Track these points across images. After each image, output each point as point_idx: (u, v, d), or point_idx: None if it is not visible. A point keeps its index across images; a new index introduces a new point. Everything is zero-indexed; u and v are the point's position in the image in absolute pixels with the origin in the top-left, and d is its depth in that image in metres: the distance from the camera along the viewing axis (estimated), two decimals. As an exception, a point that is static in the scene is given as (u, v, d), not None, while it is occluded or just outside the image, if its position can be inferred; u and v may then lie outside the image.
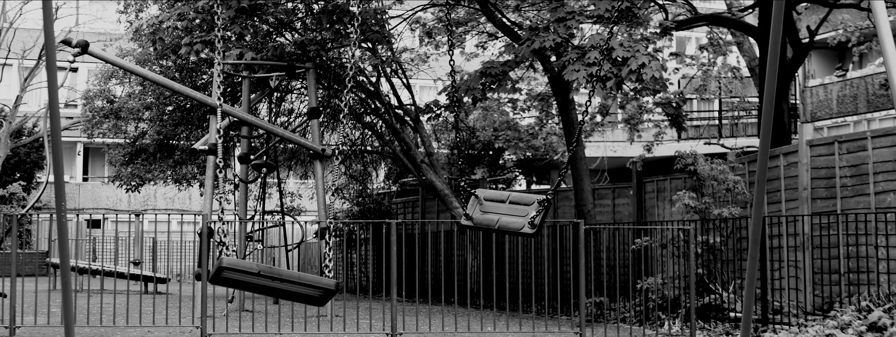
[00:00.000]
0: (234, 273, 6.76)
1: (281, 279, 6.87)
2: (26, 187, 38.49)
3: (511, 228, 7.74)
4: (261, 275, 6.79)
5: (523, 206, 7.91)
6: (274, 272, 6.82)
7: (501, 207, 7.97)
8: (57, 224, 6.06)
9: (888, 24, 6.24)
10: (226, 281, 6.94)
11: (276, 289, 7.02)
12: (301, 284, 6.95)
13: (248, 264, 6.91)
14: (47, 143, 18.48)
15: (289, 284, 6.94)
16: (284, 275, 6.91)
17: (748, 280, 6.63)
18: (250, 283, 6.91)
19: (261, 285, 6.96)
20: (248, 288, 7.24)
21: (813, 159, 16.31)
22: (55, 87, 5.89)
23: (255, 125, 18.59)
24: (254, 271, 6.81)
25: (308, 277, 6.93)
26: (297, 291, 7.01)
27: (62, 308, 12.71)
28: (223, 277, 6.83)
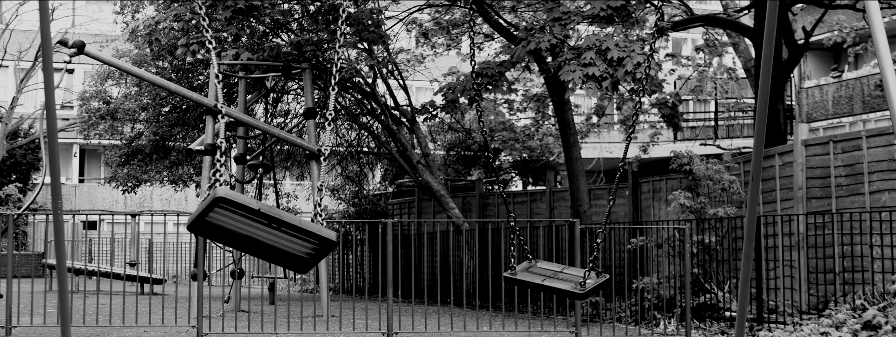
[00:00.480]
0: (227, 213, 5.73)
1: (280, 222, 5.83)
2: (22, 189, 38.47)
3: (556, 287, 7.50)
4: (261, 214, 5.75)
5: (574, 275, 7.76)
6: (275, 213, 5.80)
7: (550, 273, 7.76)
8: (53, 222, 6.08)
9: (882, 25, 6.26)
10: (209, 228, 5.84)
11: (262, 243, 5.93)
12: (300, 231, 5.88)
13: (248, 199, 5.85)
14: (44, 144, 18.49)
15: (286, 233, 5.89)
16: (285, 217, 5.84)
17: (743, 278, 6.66)
18: (235, 231, 5.85)
19: (245, 235, 5.90)
20: (230, 239, 5.98)
21: (808, 159, 16.35)
22: (51, 87, 5.91)
23: (251, 126, 18.60)
24: (254, 208, 5.75)
25: (310, 224, 5.93)
26: (288, 245, 5.95)
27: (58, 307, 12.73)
28: (210, 220, 5.78)
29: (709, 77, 28.54)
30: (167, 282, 28.28)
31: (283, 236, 5.91)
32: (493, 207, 24.82)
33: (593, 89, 16.34)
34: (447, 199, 21.84)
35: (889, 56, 6.16)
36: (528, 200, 24.02)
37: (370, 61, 21.45)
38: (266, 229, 5.87)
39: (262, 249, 6.02)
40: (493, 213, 24.47)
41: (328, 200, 30.37)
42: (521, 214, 23.43)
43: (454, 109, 21.08)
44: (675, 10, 24.56)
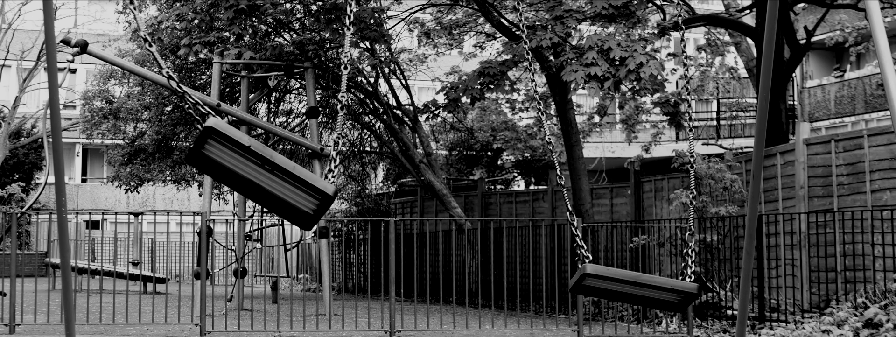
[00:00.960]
0: (222, 148, 5.32)
1: (272, 164, 5.34)
2: (25, 188, 38.52)
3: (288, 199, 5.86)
4: (252, 151, 5.28)
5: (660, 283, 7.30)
6: (267, 153, 5.32)
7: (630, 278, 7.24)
8: (57, 220, 6.11)
9: (882, 25, 6.29)
10: (208, 163, 5.42)
11: (265, 190, 5.45)
12: (293, 178, 5.38)
13: (240, 133, 5.38)
14: (47, 143, 18.54)
15: (287, 183, 5.40)
16: (278, 159, 5.37)
17: (744, 276, 6.69)
18: (234, 171, 5.39)
19: (247, 178, 5.42)
20: (231, 180, 5.49)
21: (810, 158, 16.37)
22: (55, 86, 5.95)
23: (253, 125, 18.64)
24: (244, 143, 5.30)
25: (304, 171, 5.42)
26: (292, 197, 5.48)
27: (62, 304, 12.77)
28: (207, 154, 5.39)
29: (711, 77, 28.55)
30: (170, 281, 28.33)
31: (285, 185, 5.45)
32: (495, 206, 24.85)
33: (595, 89, 16.38)
34: (449, 198, 21.87)
35: (889, 56, 6.18)
36: (531, 199, 24.05)
37: (372, 61, 21.49)
38: (266, 174, 5.41)
39: (266, 197, 5.52)
40: (495, 212, 24.50)
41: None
42: (523, 213, 23.46)
43: (456, 109, 21.11)
44: (676, 9, 24.57)
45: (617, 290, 6.79)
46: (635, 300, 6.98)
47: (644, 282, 6.70)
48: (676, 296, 6.83)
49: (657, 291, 6.76)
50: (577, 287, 6.82)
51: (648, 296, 6.84)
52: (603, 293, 6.95)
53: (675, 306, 6.99)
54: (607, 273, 6.68)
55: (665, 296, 6.82)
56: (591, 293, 7.01)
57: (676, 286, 6.74)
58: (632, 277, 6.71)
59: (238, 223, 18.60)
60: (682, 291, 6.77)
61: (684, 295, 6.81)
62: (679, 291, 6.78)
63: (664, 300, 6.88)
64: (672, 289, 6.75)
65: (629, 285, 6.73)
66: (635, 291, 6.79)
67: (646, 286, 6.72)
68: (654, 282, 6.73)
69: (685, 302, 6.96)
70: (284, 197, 5.46)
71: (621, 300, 7.06)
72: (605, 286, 6.76)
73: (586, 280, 6.69)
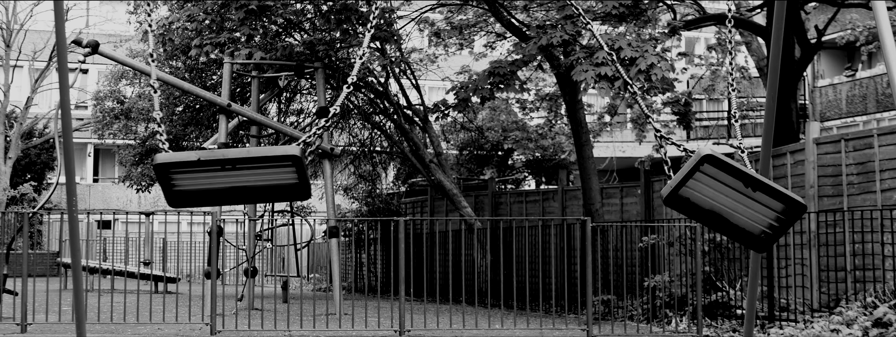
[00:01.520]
0: (176, 172, 5.10)
1: (231, 161, 5.10)
2: (37, 188, 38.67)
3: (740, 224, 5.33)
4: (201, 162, 5.06)
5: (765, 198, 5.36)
6: (217, 155, 5.06)
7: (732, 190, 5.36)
8: (68, 220, 6.16)
9: (888, 24, 6.30)
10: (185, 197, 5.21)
11: (237, 188, 5.22)
12: (258, 162, 5.09)
13: (186, 154, 5.17)
14: (58, 144, 18.61)
15: (244, 170, 5.11)
16: (230, 155, 5.14)
17: (752, 274, 6.70)
18: (205, 190, 5.15)
19: (216, 190, 5.18)
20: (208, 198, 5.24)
21: (819, 157, 16.36)
22: (66, 87, 5.99)
23: (264, 125, 18.69)
24: (192, 159, 5.10)
25: (258, 150, 5.11)
26: (258, 179, 5.17)
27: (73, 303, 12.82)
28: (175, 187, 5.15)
29: (722, 76, 28.53)
30: (181, 280, 28.41)
31: (257, 173, 5.19)
32: (505, 206, 24.88)
33: (606, 89, 16.38)
34: (460, 198, 21.90)
35: (895, 54, 6.19)
36: (541, 198, 24.07)
37: (383, 61, 21.52)
38: (238, 174, 5.17)
39: (251, 193, 5.28)
40: (505, 212, 24.52)
41: (341, 199, 30.46)
42: (533, 212, 23.47)
43: (466, 108, 21.14)
44: (687, 9, 24.57)
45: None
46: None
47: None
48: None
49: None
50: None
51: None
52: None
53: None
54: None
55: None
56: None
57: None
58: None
59: (249, 223, 18.66)
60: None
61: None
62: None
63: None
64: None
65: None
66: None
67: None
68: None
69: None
70: (265, 183, 5.25)
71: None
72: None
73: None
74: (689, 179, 5.30)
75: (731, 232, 5.40)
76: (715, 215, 5.36)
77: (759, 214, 5.28)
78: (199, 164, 5.13)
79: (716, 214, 5.35)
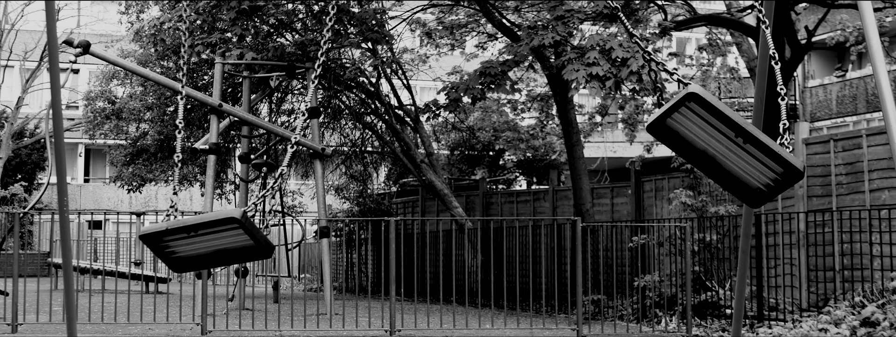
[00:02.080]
0: (164, 241, 5.09)
1: (188, 229, 5.05)
2: (28, 188, 38.61)
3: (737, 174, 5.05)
4: (169, 231, 5.04)
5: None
6: (179, 224, 5.03)
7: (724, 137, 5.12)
8: (59, 220, 6.18)
9: (875, 24, 6.35)
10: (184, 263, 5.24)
11: (219, 251, 5.20)
12: (206, 227, 5.05)
13: (158, 226, 5.12)
14: (49, 144, 18.62)
15: (209, 235, 5.08)
16: (182, 223, 5.04)
17: (740, 273, 6.76)
18: (197, 255, 5.17)
19: (204, 254, 5.18)
20: (202, 263, 5.27)
21: (809, 158, 16.43)
22: (58, 87, 6.02)
23: (255, 125, 18.71)
24: (162, 229, 5.08)
25: (208, 215, 5.06)
26: (225, 243, 5.13)
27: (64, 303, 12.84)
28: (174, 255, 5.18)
29: (712, 77, 28.60)
30: (172, 281, 28.40)
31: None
32: (496, 206, 24.91)
33: (597, 89, 16.43)
34: (451, 198, 21.93)
35: (881, 55, 6.24)
36: (532, 199, 24.11)
37: (374, 61, 21.55)
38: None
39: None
40: (496, 212, 24.56)
41: (332, 199, 30.48)
42: (524, 212, 23.51)
43: (457, 109, 21.17)
44: (678, 9, 24.63)
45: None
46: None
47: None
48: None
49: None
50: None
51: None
52: (685, 146, 4.97)
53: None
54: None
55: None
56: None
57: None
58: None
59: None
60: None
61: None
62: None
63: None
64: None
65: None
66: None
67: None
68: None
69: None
70: (231, 246, 5.20)
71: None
72: (696, 131, 4.89)
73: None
74: (673, 112, 4.91)
75: (725, 180, 5.01)
76: (707, 158, 4.97)
77: (754, 169, 4.92)
78: (169, 233, 5.11)
79: (708, 157, 4.97)
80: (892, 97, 6.19)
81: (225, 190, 28.12)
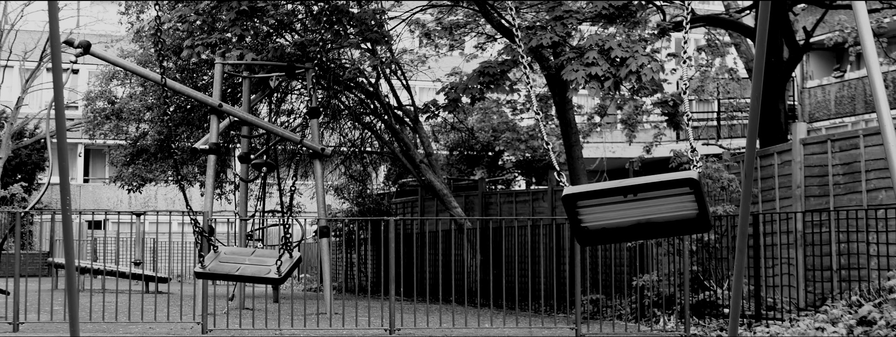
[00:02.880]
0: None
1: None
2: (28, 188, 38.65)
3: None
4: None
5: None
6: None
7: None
8: (62, 219, 6.23)
9: (869, 25, 6.40)
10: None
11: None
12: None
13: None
14: (50, 144, 18.70)
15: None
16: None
17: (737, 272, 6.81)
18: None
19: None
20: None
21: (806, 158, 16.49)
22: (60, 87, 6.06)
23: (255, 125, 18.77)
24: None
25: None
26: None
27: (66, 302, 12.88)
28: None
29: (711, 77, 28.67)
30: (172, 280, 28.45)
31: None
32: (495, 206, 24.97)
33: (596, 89, 16.48)
34: (450, 198, 21.98)
35: (876, 56, 6.30)
36: (531, 199, 24.16)
37: (373, 61, 21.60)
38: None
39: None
40: (495, 212, 24.61)
41: (332, 199, 30.55)
42: (523, 212, 23.57)
43: (456, 109, 21.22)
44: (677, 10, 24.70)
45: (618, 221, 5.23)
46: (637, 230, 5.33)
47: (638, 185, 5.10)
48: (680, 203, 5.15)
49: (658, 196, 5.12)
50: (577, 228, 5.30)
51: (650, 217, 5.20)
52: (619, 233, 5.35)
53: (690, 222, 5.22)
54: (586, 189, 5.19)
55: (669, 208, 5.17)
56: (594, 238, 5.40)
57: (674, 178, 5.11)
58: (617, 184, 5.15)
59: (239, 223, 18.73)
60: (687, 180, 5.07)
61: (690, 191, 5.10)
62: (681, 184, 5.09)
63: (672, 219, 5.21)
64: (671, 184, 5.08)
65: (621, 199, 5.15)
66: (632, 214, 5.20)
67: (642, 189, 5.11)
68: (649, 181, 5.10)
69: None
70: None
71: (629, 238, 5.39)
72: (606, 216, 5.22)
73: (578, 212, 5.21)
74: (576, 220, 5.23)
75: (671, 230, 5.31)
76: (643, 226, 5.24)
77: (670, 204, 5.14)
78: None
79: (643, 225, 5.23)
80: (887, 98, 6.26)
81: (225, 190, 28.17)
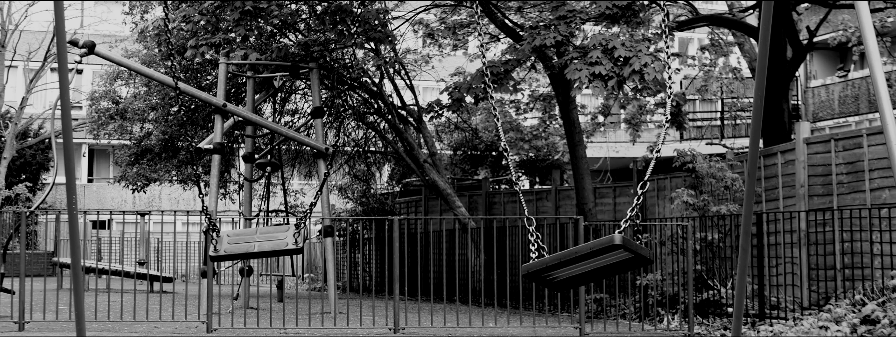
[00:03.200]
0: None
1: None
2: (32, 188, 38.71)
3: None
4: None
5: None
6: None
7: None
8: (68, 218, 6.26)
9: (871, 25, 6.43)
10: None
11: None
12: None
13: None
14: (56, 144, 18.77)
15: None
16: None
17: (740, 271, 6.84)
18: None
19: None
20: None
21: (810, 157, 16.51)
22: (66, 87, 6.10)
23: (259, 124, 18.81)
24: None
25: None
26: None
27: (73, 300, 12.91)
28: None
29: (714, 77, 28.68)
30: (176, 280, 28.52)
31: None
32: (499, 205, 25.00)
33: (600, 88, 16.50)
34: (454, 197, 22.01)
35: (878, 55, 6.33)
36: (535, 198, 24.20)
37: (377, 61, 21.63)
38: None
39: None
40: (499, 211, 24.65)
41: (335, 199, 30.59)
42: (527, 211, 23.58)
43: (460, 108, 21.25)
44: (680, 9, 24.71)
45: (567, 275, 6.68)
46: (595, 275, 6.85)
47: (579, 255, 6.44)
48: (617, 253, 6.52)
49: (598, 256, 6.51)
50: (549, 284, 6.83)
51: (601, 265, 6.63)
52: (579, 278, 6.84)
53: (632, 262, 6.66)
54: (540, 265, 6.54)
55: (611, 258, 6.56)
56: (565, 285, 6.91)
57: (603, 244, 6.43)
58: (565, 256, 6.46)
59: (244, 222, 18.77)
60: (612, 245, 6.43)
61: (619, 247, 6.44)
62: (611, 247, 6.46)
63: (617, 262, 6.63)
64: (603, 249, 6.45)
65: (572, 264, 6.52)
66: (585, 268, 6.61)
67: (585, 256, 6.46)
68: (585, 250, 6.44)
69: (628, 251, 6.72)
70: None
71: (582, 282, 6.89)
72: (556, 274, 6.68)
73: (537, 277, 6.71)
74: (544, 280, 6.70)
75: (620, 269, 6.80)
76: (598, 271, 6.65)
77: (614, 255, 6.47)
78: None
79: (598, 269, 6.63)
80: (889, 97, 6.28)
81: (229, 190, 28.22)
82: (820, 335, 12.84)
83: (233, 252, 8.09)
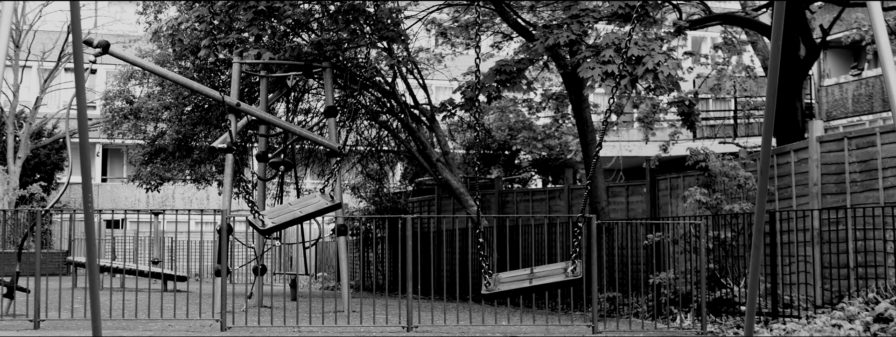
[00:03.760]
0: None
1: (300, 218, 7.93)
2: (47, 188, 38.87)
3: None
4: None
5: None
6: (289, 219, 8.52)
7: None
8: (84, 217, 6.32)
9: (883, 23, 6.45)
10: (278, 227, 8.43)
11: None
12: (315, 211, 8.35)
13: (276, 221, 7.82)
14: (70, 143, 18.85)
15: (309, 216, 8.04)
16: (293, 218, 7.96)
17: (752, 268, 6.86)
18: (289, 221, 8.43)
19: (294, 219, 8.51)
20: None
21: (823, 155, 16.49)
22: (82, 86, 6.15)
23: (272, 124, 18.86)
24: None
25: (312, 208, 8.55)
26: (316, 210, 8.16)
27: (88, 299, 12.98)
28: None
29: (727, 75, 28.65)
30: (190, 279, 28.61)
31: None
32: (512, 204, 25.02)
33: (612, 87, 16.50)
34: (466, 196, 22.04)
35: (891, 54, 6.34)
36: (547, 197, 24.21)
37: (390, 60, 21.66)
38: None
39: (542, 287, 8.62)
40: (512, 210, 24.67)
41: (349, 198, 30.64)
42: (540, 210, 23.62)
43: (473, 108, 21.26)
44: (693, 8, 24.70)
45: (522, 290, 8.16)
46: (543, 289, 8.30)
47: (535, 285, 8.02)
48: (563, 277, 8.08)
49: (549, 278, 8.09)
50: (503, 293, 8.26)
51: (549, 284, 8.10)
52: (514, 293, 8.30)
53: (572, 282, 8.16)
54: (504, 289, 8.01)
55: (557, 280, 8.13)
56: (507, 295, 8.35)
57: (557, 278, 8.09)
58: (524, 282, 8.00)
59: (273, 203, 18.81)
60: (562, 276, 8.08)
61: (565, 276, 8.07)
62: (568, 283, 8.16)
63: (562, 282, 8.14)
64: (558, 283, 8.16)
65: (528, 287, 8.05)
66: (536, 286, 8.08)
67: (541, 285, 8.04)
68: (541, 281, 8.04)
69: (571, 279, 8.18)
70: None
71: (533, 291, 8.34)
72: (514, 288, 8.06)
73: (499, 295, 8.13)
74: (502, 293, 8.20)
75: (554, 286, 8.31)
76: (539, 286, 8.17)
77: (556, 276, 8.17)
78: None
79: (539, 286, 8.13)
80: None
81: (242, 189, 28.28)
82: (833, 333, 12.84)
83: (280, 222, 9.42)
